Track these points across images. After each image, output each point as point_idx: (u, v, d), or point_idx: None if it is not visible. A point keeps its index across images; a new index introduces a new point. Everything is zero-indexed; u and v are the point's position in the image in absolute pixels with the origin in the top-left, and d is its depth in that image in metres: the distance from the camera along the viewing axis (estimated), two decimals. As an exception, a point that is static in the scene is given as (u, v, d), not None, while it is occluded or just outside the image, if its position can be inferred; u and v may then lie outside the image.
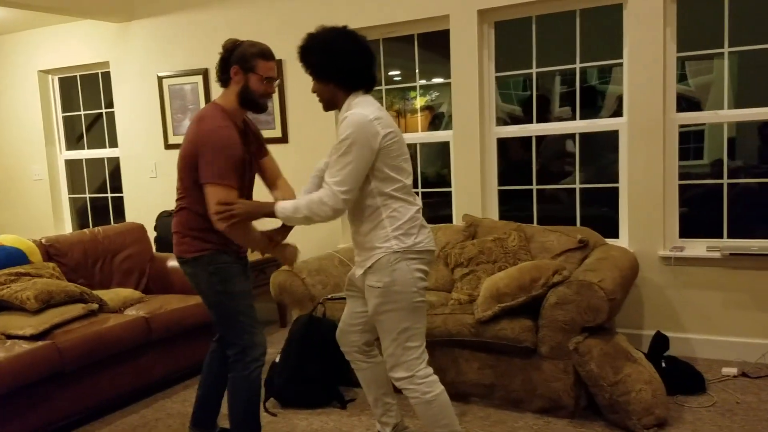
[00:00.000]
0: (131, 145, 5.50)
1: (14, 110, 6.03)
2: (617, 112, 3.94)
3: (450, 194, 4.43)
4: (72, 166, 6.03)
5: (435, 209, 4.61)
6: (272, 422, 3.19)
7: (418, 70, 4.47)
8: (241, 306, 2.54)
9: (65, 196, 6.07)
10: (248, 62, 2.45)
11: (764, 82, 3.61)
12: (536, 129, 4.13)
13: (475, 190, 4.21)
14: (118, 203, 5.79)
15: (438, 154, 4.58)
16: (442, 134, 4.42)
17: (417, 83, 4.52)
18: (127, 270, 4.22)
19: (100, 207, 5.95)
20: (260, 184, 2.78)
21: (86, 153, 5.92)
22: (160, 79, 5.25)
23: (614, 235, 3.96)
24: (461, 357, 3.24)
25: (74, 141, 6.02)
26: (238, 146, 2.44)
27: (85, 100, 5.89)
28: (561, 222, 4.00)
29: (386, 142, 2.29)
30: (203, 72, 5.06)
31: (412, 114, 4.61)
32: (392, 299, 2.34)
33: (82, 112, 5.92)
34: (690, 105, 3.81)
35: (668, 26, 3.69)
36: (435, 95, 4.53)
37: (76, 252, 4.01)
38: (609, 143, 3.98)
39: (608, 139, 3.98)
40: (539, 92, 4.17)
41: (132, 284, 4.19)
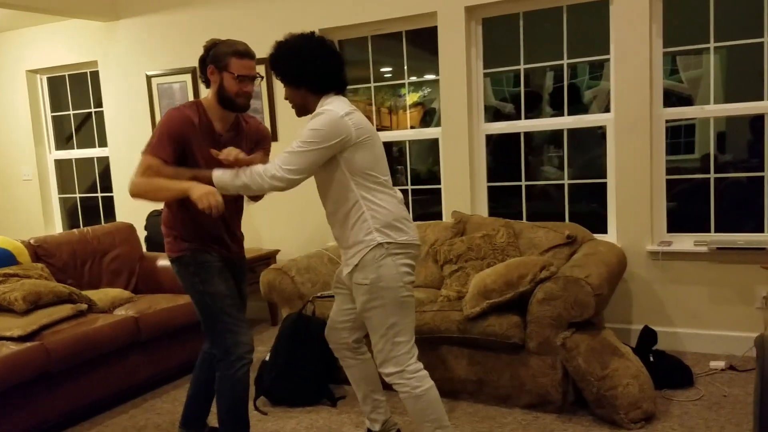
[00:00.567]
0: (121, 145, 5.48)
1: (2, 110, 6.00)
2: (607, 108, 3.95)
3: (440, 191, 4.44)
4: (62, 166, 6.01)
5: (425, 206, 4.61)
6: (262, 420, 3.20)
7: (407, 67, 4.47)
8: (224, 305, 2.53)
9: (55, 197, 6.05)
10: (221, 61, 2.46)
11: (753, 77, 3.62)
12: (524, 125, 4.14)
13: (464, 187, 4.22)
14: (109, 203, 5.77)
15: (429, 151, 4.58)
16: (431, 131, 4.43)
17: (406, 80, 4.52)
18: (116, 270, 4.20)
19: (91, 207, 5.93)
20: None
21: (76, 153, 5.90)
22: (149, 78, 5.24)
23: (603, 231, 3.98)
24: (450, 354, 3.25)
25: (63, 141, 6.00)
26: (182, 126, 2.42)
27: (74, 100, 5.87)
28: (550, 218, 4.01)
29: (359, 138, 2.32)
30: (192, 70, 5.04)
31: (403, 111, 4.61)
32: (379, 295, 2.36)
33: (71, 112, 5.90)
34: (681, 100, 3.82)
35: (654, 22, 3.71)
36: (428, 91, 4.53)
37: (65, 252, 4.00)
38: (594, 139, 3.99)
39: (593, 135, 3.99)
40: (530, 89, 4.17)
41: (121, 284, 4.18)
